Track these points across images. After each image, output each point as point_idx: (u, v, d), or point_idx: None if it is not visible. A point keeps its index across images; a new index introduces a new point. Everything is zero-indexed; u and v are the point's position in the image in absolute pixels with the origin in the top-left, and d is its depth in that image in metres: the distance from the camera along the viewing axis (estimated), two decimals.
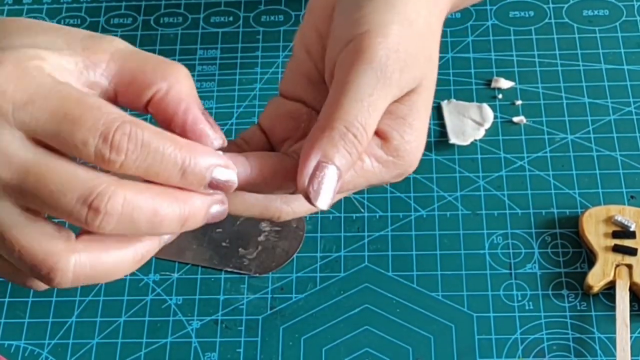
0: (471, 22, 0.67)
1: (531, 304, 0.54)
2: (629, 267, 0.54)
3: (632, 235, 0.55)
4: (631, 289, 0.53)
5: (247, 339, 0.54)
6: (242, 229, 0.58)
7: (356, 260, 0.56)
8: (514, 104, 0.63)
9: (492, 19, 0.67)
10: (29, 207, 0.39)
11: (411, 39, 0.44)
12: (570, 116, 0.62)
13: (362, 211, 0.58)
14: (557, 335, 0.53)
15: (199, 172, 0.40)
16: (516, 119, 0.62)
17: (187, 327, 0.54)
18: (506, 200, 0.58)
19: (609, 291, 0.54)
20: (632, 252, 0.54)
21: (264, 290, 0.56)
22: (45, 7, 0.71)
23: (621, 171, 0.59)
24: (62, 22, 0.70)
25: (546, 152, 0.60)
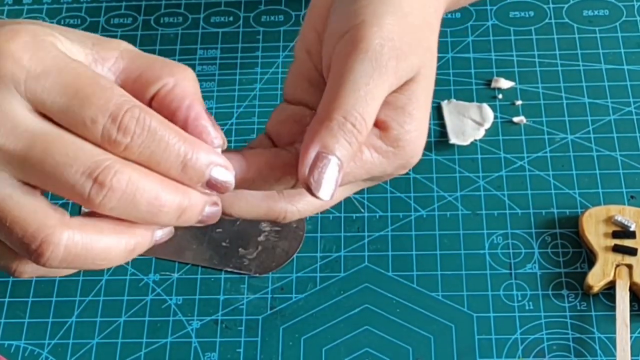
0: (471, 22, 0.67)
1: (531, 304, 0.54)
2: (629, 267, 0.54)
3: (632, 235, 0.55)
4: (631, 289, 0.53)
5: (247, 339, 0.54)
6: (242, 229, 0.58)
7: (356, 260, 0.56)
8: (514, 104, 0.63)
9: (492, 19, 0.67)
10: (28, 181, 0.39)
11: (406, 29, 0.44)
12: (570, 116, 0.62)
13: (362, 211, 0.58)
14: (557, 335, 0.53)
15: (199, 167, 0.40)
16: (516, 119, 0.62)
17: (187, 327, 0.54)
18: (506, 200, 0.58)
19: (609, 291, 0.54)
20: (632, 252, 0.54)
21: (264, 290, 0.56)
22: (45, 7, 0.71)
23: (621, 171, 0.59)
24: (62, 22, 0.70)
25: (546, 152, 0.60)
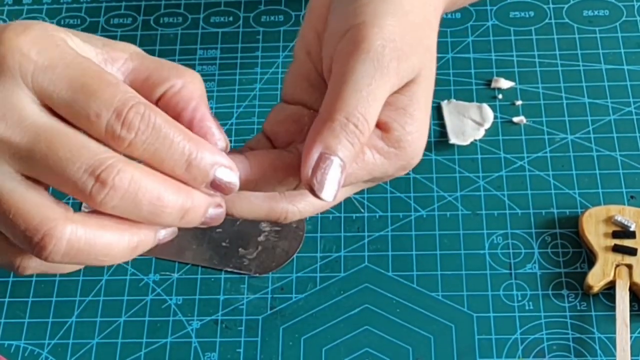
0: (471, 23, 0.67)
1: (531, 304, 0.54)
2: (629, 267, 0.54)
3: (632, 235, 0.55)
4: (631, 289, 0.53)
5: (247, 339, 0.54)
6: (242, 229, 0.58)
7: (356, 260, 0.56)
8: (514, 104, 0.63)
9: (492, 19, 0.67)
10: (31, 175, 0.39)
11: (407, 29, 0.44)
12: (570, 116, 0.62)
13: (362, 211, 0.58)
14: (557, 335, 0.53)
15: (203, 167, 0.40)
16: (516, 119, 0.62)
17: (187, 327, 0.54)
18: (506, 200, 0.58)
19: (609, 291, 0.54)
20: (632, 252, 0.54)
21: (264, 290, 0.56)
22: (45, 7, 0.71)
23: (621, 171, 0.59)
24: (62, 22, 0.70)
25: (546, 152, 0.60)
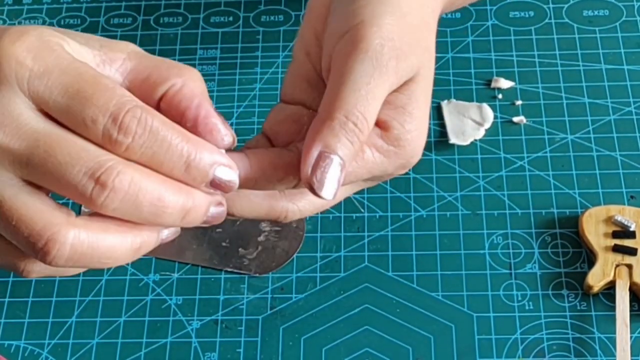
0: (471, 22, 0.67)
1: (531, 304, 0.54)
2: (629, 267, 0.54)
3: (632, 235, 0.55)
4: (631, 289, 0.53)
5: (247, 339, 0.54)
6: (242, 229, 0.58)
7: (356, 260, 0.56)
8: (514, 104, 0.63)
9: (492, 19, 0.67)
10: (32, 181, 0.39)
11: (405, 28, 0.44)
12: (570, 116, 0.62)
13: (362, 211, 0.58)
14: (557, 335, 0.53)
15: (202, 167, 0.40)
16: (516, 119, 0.62)
17: (187, 327, 0.54)
18: (506, 200, 0.58)
19: (609, 291, 0.54)
20: (632, 252, 0.54)
21: (264, 290, 0.56)
22: (45, 7, 0.71)
23: (621, 171, 0.59)
24: (62, 22, 0.70)
25: (546, 152, 0.60)
